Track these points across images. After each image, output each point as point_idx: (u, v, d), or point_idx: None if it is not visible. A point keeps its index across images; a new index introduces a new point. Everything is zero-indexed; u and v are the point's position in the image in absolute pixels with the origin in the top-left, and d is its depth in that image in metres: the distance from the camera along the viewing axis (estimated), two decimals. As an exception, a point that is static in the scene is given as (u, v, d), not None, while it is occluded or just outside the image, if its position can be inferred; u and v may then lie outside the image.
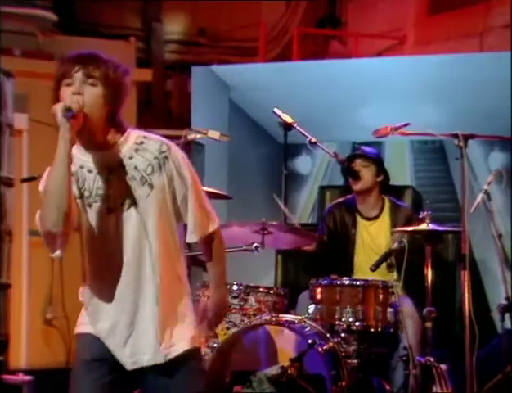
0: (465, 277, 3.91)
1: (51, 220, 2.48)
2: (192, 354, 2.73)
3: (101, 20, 8.86)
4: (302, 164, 7.23)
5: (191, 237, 2.79)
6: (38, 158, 5.96)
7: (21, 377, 4.97)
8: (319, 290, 4.38)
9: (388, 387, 4.35)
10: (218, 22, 9.29)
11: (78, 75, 2.57)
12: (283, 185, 4.66)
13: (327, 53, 9.03)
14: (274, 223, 4.46)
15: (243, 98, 7.19)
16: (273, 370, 4.04)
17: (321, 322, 4.29)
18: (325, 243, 4.94)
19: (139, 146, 2.68)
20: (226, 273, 2.95)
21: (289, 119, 4.63)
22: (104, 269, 2.69)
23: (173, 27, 9.52)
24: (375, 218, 4.92)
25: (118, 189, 2.65)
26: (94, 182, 2.65)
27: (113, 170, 2.65)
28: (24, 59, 6.55)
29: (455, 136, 4.00)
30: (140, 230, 2.64)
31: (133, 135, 2.71)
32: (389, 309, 4.28)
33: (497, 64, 6.22)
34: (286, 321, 4.20)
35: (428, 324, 4.12)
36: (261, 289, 4.41)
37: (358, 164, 4.86)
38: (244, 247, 4.33)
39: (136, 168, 2.66)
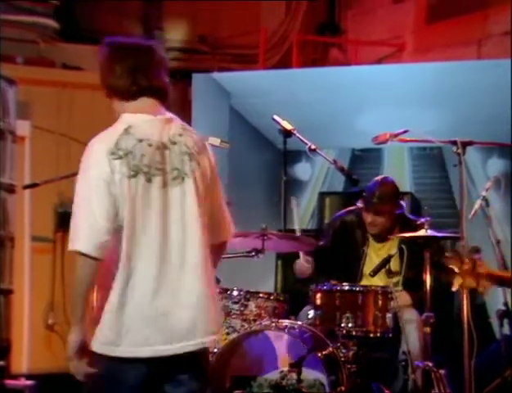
0: (464, 282, 3.92)
1: None
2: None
3: (103, 27, 8.86)
4: (301, 170, 7.26)
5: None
6: (40, 164, 5.98)
7: (23, 381, 5.01)
8: (319, 295, 4.40)
9: (387, 392, 4.37)
10: (219, 29, 9.30)
11: None
12: (282, 191, 4.66)
13: (327, 60, 9.04)
14: (274, 231, 4.48)
15: (243, 105, 7.22)
16: (273, 375, 4.06)
17: (320, 327, 4.30)
18: (328, 247, 4.87)
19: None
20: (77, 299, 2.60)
21: (288, 126, 4.63)
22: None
23: (174, 34, 9.54)
24: (386, 239, 4.73)
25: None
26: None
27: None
28: (26, 66, 6.57)
29: (454, 143, 4.02)
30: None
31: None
32: (388, 315, 4.29)
33: (496, 71, 6.25)
34: (286, 326, 4.22)
35: (427, 329, 4.14)
36: (261, 294, 4.43)
37: (371, 217, 4.68)
38: (245, 253, 4.36)
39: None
